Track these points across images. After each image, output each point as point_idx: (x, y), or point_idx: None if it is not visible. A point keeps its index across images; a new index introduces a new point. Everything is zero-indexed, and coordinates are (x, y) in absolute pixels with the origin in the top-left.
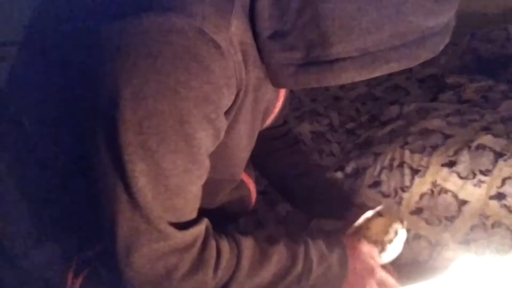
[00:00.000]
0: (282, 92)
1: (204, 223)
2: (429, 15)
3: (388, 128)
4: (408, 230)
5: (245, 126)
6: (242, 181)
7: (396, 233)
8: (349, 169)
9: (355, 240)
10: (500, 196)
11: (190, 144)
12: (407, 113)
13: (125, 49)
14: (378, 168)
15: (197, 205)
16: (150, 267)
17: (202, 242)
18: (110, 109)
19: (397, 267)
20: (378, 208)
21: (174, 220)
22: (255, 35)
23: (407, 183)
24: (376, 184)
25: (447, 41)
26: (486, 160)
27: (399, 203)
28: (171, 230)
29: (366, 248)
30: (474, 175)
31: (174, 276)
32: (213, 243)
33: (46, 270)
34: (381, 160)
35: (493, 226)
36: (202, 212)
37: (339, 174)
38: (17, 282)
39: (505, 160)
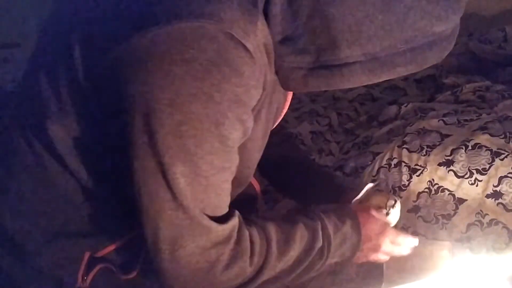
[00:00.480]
0: (290, 95)
1: (237, 214)
2: (436, 22)
3: (386, 128)
4: (405, 228)
5: (261, 126)
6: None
7: (395, 201)
8: (348, 168)
9: (363, 207)
10: (496, 195)
11: (225, 144)
12: (405, 113)
13: (159, 56)
14: (376, 167)
15: (229, 200)
16: (195, 262)
17: (237, 233)
18: (148, 115)
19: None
20: (375, 183)
21: (213, 215)
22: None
23: (404, 182)
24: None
25: (451, 47)
26: (483, 159)
27: (398, 200)
28: (213, 224)
29: (374, 212)
30: (471, 174)
31: (217, 268)
32: (246, 232)
33: (57, 268)
34: (379, 159)
35: (489, 224)
36: None
37: (338, 173)
38: (28, 280)
39: (501, 159)
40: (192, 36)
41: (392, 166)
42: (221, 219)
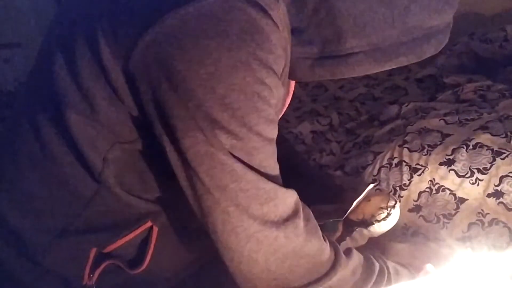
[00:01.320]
0: (292, 89)
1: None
2: (434, 14)
3: (387, 127)
4: (406, 228)
5: None
6: None
7: (395, 202)
8: (348, 168)
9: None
10: (497, 194)
11: (268, 113)
12: (406, 113)
13: (192, 33)
14: (377, 166)
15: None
16: (274, 238)
17: (303, 210)
18: (191, 92)
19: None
20: (375, 183)
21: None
22: None
23: (405, 181)
24: (375, 182)
25: (447, 40)
26: (484, 158)
27: (398, 201)
28: (277, 186)
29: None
30: (472, 173)
31: (297, 242)
32: (311, 213)
33: (63, 266)
34: (380, 159)
35: (490, 223)
36: None
37: (339, 173)
38: (34, 279)
39: (502, 159)
40: (221, 9)
41: (393, 165)
42: (280, 184)
